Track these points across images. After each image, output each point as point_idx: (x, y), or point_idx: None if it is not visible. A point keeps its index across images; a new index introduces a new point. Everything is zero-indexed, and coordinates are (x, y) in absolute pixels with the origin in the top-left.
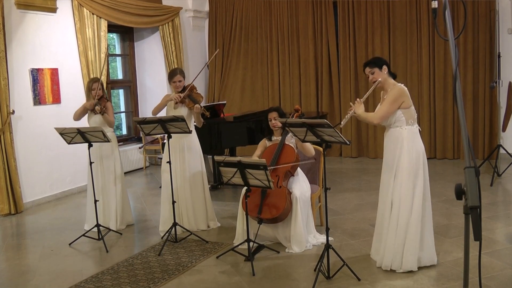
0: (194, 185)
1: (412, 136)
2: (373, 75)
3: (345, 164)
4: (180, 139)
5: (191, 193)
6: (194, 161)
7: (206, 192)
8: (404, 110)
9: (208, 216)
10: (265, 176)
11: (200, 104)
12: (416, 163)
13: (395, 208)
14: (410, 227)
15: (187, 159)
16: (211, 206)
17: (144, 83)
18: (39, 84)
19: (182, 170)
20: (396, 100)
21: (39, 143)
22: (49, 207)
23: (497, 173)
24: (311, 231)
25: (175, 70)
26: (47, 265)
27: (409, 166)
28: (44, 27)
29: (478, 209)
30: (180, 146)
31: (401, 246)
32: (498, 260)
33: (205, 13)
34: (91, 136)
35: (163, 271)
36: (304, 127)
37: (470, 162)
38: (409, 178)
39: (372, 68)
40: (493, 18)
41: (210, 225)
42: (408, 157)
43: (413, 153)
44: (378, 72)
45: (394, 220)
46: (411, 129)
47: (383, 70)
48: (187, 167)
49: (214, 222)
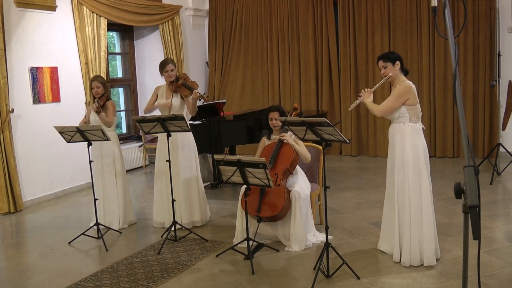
0: (187, 179)
1: (414, 133)
2: (385, 69)
3: (345, 163)
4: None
5: (183, 187)
6: (187, 156)
7: (200, 187)
8: (409, 107)
9: (201, 209)
10: (265, 175)
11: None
12: (420, 159)
13: (405, 205)
14: (424, 223)
15: (180, 155)
16: (204, 199)
17: (144, 82)
18: (38, 82)
19: (176, 165)
20: (401, 96)
21: (39, 141)
22: (48, 206)
23: (497, 171)
24: (311, 230)
25: (165, 60)
26: (47, 263)
27: (413, 163)
28: (43, 26)
29: (477, 208)
30: (174, 142)
31: (417, 242)
32: (498, 258)
33: (205, 11)
34: (90, 134)
35: (163, 269)
36: (304, 126)
37: (470, 161)
38: (415, 174)
39: (385, 62)
40: (493, 16)
41: (202, 217)
42: (412, 153)
43: (416, 149)
44: (391, 67)
45: (408, 216)
46: (414, 126)
47: (396, 65)
48: (181, 161)
49: (204, 214)
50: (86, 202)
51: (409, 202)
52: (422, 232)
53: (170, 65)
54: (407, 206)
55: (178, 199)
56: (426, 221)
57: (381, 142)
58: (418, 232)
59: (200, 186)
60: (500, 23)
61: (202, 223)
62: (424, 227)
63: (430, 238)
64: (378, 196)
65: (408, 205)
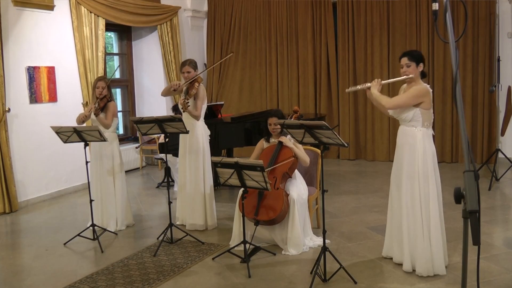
0: (193, 182)
1: (426, 138)
2: (408, 68)
3: (343, 167)
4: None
5: (189, 189)
6: (194, 158)
7: (206, 189)
8: (423, 110)
9: (207, 213)
10: (262, 178)
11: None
12: (430, 165)
13: (417, 214)
14: (433, 231)
15: (188, 157)
16: (211, 204)
17: (141, 83)
18: (35, 82)
19: (184, 166)
20: (418, 96)
21: (35, 141)
22: (44, 206)
23: (496, 177)
24: (308, 234)
25: (185, 61)
26: (42, 264)
27: (424, 169)
28: (41, 25)
29: (477, 213)
30: (183, 144)
31: (428, 251)
32: (496, 264)
33: (204, 13)
34: (87, 135)
35: (158, 272)
36: (302, 129)
37: (470, 166)
38: (425, 182)
39: (410, 61)
40: (493, 21)
41: (208, 222)
42: (423, 160)
43: (427, 156)
44: (414, 68)
45: (420, 226)
46: (425, 132)
47: (419, 67)
48: (187, 163)
49: (212, 220)
50: (82, 203)
51: (420, 211)
52: (432, 242)
53: (187, 67)
54: (418, 215)
55: (185, 201)
56: (434, 230)
57: (379, 146)
58: (430, 242)
59: (207, 191)
60: (500, 28)
61: (208, 228)
62: (433, 236)
63: (439, 247)
64: (376, 200)
65: (419, 215)
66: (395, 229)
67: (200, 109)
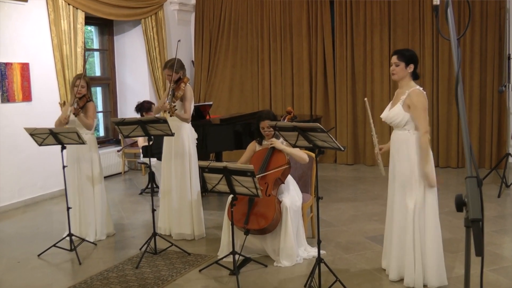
0: (178, 188)
1: None
2: (396, 67)
3: (340, 172)
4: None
5: (174, 196)
6: (180, 163)
7: (193, 196)
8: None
9: (194, 222)
10: (253, 184)
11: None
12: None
13: (408, 222)
14: (428, 243)
15: (173, 162)
16: (199, 212)
17: (124, 81)
18: (7, 80)
19: (169, 171)
20: (426, 106)
21: (7, 144)
22: (17, 214)
23: (505, 183)
24: (302, 244)
25: (166, 62)
26: (13, 278)
27: (419, 174)
28: (14, 18)
29: (480, 222)
30: (168, 148)
31: (418, 261)
32: (505, 277)
33: (192, 6)
34: (64, 137)
35: (141, 285)
36: (295, 131)
37: (472, 171)
38: (420, 186)
39: (399, 61)
40: (503, 16)
41: (195, 232)
42: (417, 164)
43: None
44: (403, 68)
45: (410, 235)
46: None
47: (409, 68)
48: (173, 168)
49: (199, 230)
50: (59, 211)
51: (413, 221)
52: (426, 253)
53: (167, 70)
54: (410, 225)
55: (169, 209)
56: (430, 242)
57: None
58: (426, 252)
59: (194, 198)
60: (511, 24)
61: (195, 238)
62: (428, 247)
63: (434, 259)
64: (376, 208)
65: (411, 224)
66: (387, 238)
67: (189, 111)
